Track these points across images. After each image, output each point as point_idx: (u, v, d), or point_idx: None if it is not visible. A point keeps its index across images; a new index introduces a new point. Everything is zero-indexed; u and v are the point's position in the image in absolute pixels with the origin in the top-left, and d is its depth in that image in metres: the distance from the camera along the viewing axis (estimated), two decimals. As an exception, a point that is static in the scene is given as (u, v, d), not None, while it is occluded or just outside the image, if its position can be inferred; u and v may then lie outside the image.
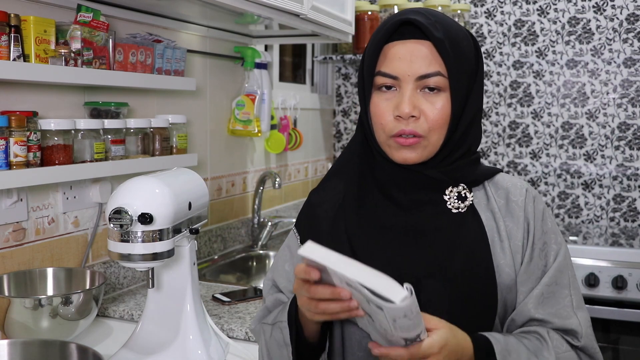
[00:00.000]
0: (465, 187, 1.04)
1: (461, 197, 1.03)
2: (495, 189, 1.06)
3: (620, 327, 2.34)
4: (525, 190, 1.05)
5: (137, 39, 1.70)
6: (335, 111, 3.34)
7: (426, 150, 0.99)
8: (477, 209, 1.03)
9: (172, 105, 1.97)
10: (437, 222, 1.01)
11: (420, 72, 0.96)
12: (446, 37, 0.96)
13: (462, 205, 1.02)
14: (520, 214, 1.03)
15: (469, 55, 1.00)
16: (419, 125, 0.97)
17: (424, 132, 0.97)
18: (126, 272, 1.78)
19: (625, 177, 2.84)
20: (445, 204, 1.02)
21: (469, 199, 1.03)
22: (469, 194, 1.03)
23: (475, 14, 3.00)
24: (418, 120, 0.97)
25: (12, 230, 1.45)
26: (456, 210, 1.02)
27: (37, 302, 1.27)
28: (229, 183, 2.35)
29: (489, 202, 1.04)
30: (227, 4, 1.60)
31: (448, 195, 1.03)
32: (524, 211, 1.03)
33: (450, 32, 0.98)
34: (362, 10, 2.78)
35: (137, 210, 1.13)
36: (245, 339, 1.46)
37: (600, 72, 2.85)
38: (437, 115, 0.97)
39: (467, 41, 1.01)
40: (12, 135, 1.30)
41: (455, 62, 0.96)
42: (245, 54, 2.27)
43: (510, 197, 1.05)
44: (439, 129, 0.98)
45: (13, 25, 1.30)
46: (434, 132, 0.98)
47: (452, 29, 0.99)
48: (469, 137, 1.03)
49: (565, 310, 1.00)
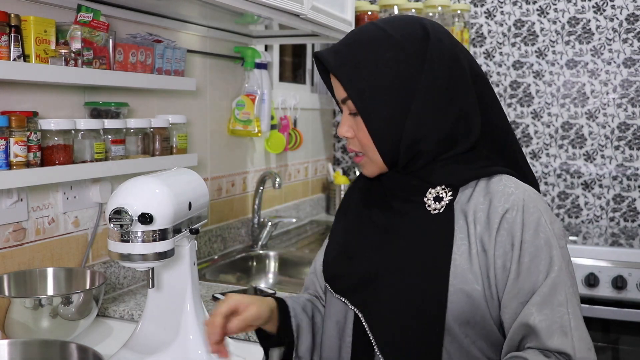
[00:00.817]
0: (445, 188, 1.03)
1: (438, 197, 1.03)
2: (484, 191, 1.01)
3: (620, 327, 2.34)
4: (512, 199, 0.98)
5: (137, 39, 1.70)
6: (335, 111, 3.34)
7: (374, 165, 1.06)
8: (456, 209, 1.02)
9: (172, 105, 1.97)
10: (412, 222, 1.04)
11: (339, 97, 1.05)
12: (344, 63, 1.00)
13: (439, 206, 1.03)
14: (496, 222, 0.97)
15: (387, 69, 0.98)
16: (355, 144, 1.06)
17: (360, 150, 1.05)
18: (126, 272, 1.78)
19: (625, 177, 2.84)
20: (425, 205, 1.04)
21: (446, 199, 1.02)
22: (447, 195, 1.02)
23: (475, 14, 3.01)
24: (353, 139, 1.06)
25: (12, 230, 1.45)
26: (434, 211, 1.03)
27: (37, 302, 1.27)
28: (229, 183, 2.35)
29: (468, 204, 1.01)
30: (227, 4, 1.61)
31: (427, 197, 1.04)
32: (500, 219, 0.97)
33: (354, 53, 1.00)
34: (362, 10, 2.78)
35: (137, 210, 1.13)
36: (245, 339, 1.46)
37: (600, 72, 2.85)
38: (360, 136, 1.04)
39: (389, 52, 0.98)
40: (12, 135, 1.30)
41: (358, 84, 0.99)
42: (245, 54, 2.27)
43: (494, 202, 0.99)
44: (369, 147, 1.03)
45: (13, 25, 1.30)
46: (367, 149, 1.04)
47: (361, 48, 1.00)
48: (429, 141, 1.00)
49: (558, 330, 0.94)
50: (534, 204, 0.98)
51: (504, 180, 1.01)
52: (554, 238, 0.97)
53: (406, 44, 0.99)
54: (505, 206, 0.98)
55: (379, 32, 1.01)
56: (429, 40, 0.99)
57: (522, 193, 0.99)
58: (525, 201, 0.98)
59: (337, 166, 3.34)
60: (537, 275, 0.96)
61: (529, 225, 0.97)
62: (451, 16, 2.84)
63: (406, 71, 0.98)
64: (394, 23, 1.02)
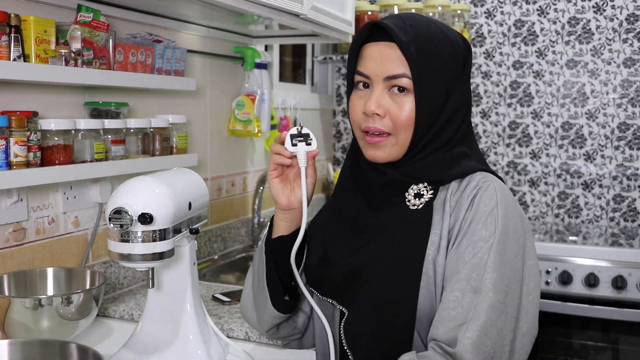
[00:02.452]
0: (427, 185, 1.05)
1: (419, 194, 1.05)
2: (459, 187, 1.04)
3: (620, 327, 2.34)
4: (477, 189, 1.01)
5: (137, 39, 1.70)
6: (335, 111, 3.34)
7: (394, 149, 1.05)
8: (435, 206, 1.04)
9: (172, 105, 1.97)
10: (392, 219, 1.05)
11: (388, 72, 1.02)
12: (414, 41, 1.00)
13: (418, 203, 1.05)
14: (462, 212, 1.00)
15: (445, 59, 1.03)
16: (384, 123, 1.03)
17: (390, 130, 1.03)
18: (126, 272, 1.78)
19: (625, 177, 2.84)
20: (405, 201, 1.06)
21: (426, 196, 1.04)
22: (428, 192, 1.05)
23: (475, 14, 3.00)
24: (383, 119, 1.03)
25: (12, 230, 1.45)
26: (413, 207, 1.04)
27: (37, 302, 1.27)
28: (229, 183, 2.35)
29: (445, 200, 1.04)
30: (227, 4, 1.60)
31: (409, 192, 1.06)
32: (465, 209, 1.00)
33: (423, 36, 1.02)
34: (362, 10, 2.78)
35: (137, 210, 1.13)
36: (245, 338, 1.47)
37: (600, 72, 2.85)
38: (401, 115, 1.02)
39: (447, 46, 1.04)
40: (12, 135, 1.30)
41: (421, 65, 1.01)
42: (245, 54, 2.27)
43: (464, 194, 1.02)
44: (405, 129, 1.03)
45: (13, 25, 1.30)
46: (401, 131, 1.03)
47: (427, 33, 1.03)
48: (442, 136, 1.05)
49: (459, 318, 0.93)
50: (494, 194, 1.00)
51: (477, 176, 1.04)
52: (499, 231, 0.97)
53: (457, 46, 1.06)
54: (470, 196, 1.01)
55: (438, 28, 1.06)
56: (469, 50, 1.09)
57: (488, 184, 1.01)
58: (487, 190, 1.00)
59: (337, 166, 3.34)
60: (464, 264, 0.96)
61: (482, 211, 0.98)
62: (451, 16, 2.84)
63: (455, 69, 1.05)
64: (444, 25, 1.08)
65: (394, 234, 1.04)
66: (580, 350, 2.40)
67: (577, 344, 2.41)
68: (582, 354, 2.39)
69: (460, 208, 1.01)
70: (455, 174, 1.05)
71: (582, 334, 2.40)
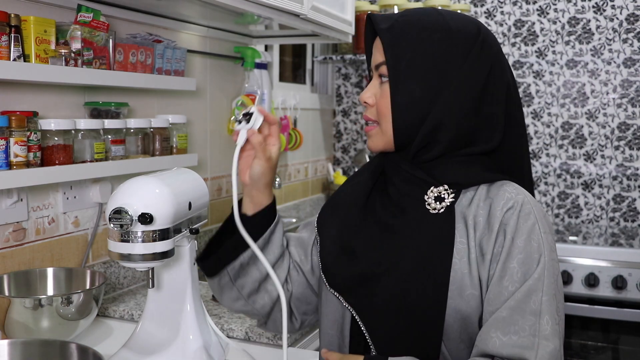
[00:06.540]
0: (448, 188, 1.01)
1: (440, 198, 1.01)
2: (485, 196, 1.00)
3: (620, 327, 2.34)
4: (512, 202, 0.97)
5: (137, 39, 1.70)
6: (335, 111, 3.34)
7: (382, 138, 1.04)
8: (457, 212, 1.00)
9: (172, 105, 1.97)
10: (412, 221, 1.02)
11: (375, 62, 1.05)
12: (392, 28, 1.01)
13: (439, 207, 1.01)
14: (495, 226, 0.97)
15: (432, 48, 0.99)
16: (372, 112, 1.06)
17: (376, 118, 1.05)
18: (126, 272, 1.78)
19: (625, 177, 2.84)
20: (425, 203, 1.02)
21: (447, 200, 1.01)
22: (450, 196, 1.01)
23: (475, 14, 3.01)
24: (372, 107, 1.06)
25: (12, 230, 1.45)
26: (434, 211, 1.01)
27: (37, 302, 1.27)
28: (229, 183, 2.35)
29: (469, 207, 1.00)
30: (227, 4, 1.61)
31: (428, 195, 1.02)
32: (499, 223, 0.97)
33: (408, 23, 1.01)
34: (362, 10, 2.78)
35: (137, 210, 1.13)
36: (245, 338, 1.47)
37: (600, 72, 2.85)
38: (381, 103, 1.03)
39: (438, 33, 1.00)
40: (12, 135, 1.30)
41: (396, 52, 1.00)
42: (245, 54, 2.27)
43: (493, 206, 0.98)
44: (384, 117, 1.03)
45: (13, 25, 1.30)
46: (382, 119, 1.03)
47: (415, 21, 1.01)
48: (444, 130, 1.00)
49: (523, 340, 0.91)
50: (532, 210, 0.97)
51: (505, 185, 1.01)
52: (542, 245, 0.96)
53: (457, 35, 1.01)
54: (503, 209, 0.97)
55: (437, 17, 1.03)
56: (478, 40, 1.01)
57: (522, 197, 0.99)
58: (524, 205, 0.97)
59: (337, 166, 3.34)
60: (522, 281, 0.94)
61: (522, 230, 0.95)
62: (451, 16, 2.84)
63: (448, 58, 1.00)
64: (454, 15, 1.05)
65: (415, 239, 1.00)
66: (580, 350, 2.40)
67: (577, 344, 2.41)
68: (582, 354, 2.39)
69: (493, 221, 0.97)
70: (478, 179, 1.01)
71: (582, 334, 2.40)
